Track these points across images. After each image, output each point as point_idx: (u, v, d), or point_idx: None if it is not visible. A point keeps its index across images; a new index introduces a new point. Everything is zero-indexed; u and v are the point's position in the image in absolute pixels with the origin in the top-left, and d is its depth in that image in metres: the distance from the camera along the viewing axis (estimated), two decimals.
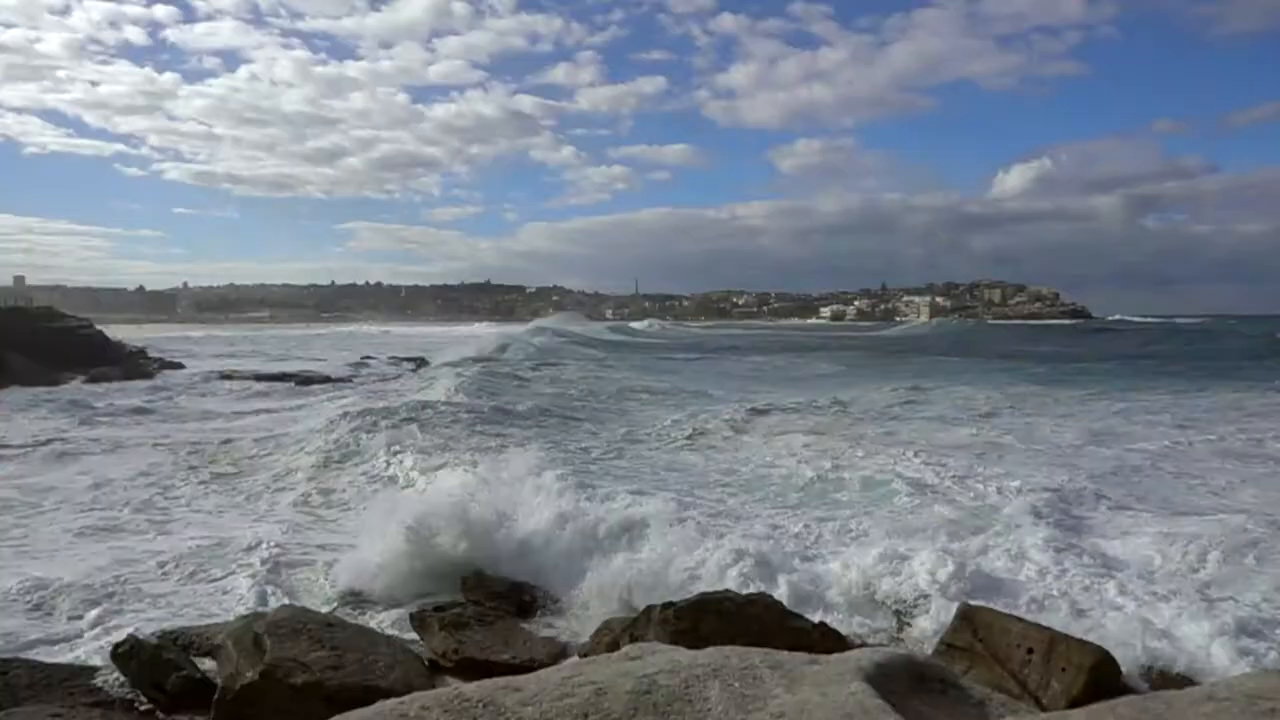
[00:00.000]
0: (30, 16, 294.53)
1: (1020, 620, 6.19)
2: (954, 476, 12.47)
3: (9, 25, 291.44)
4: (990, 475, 12.47)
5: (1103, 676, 5.59)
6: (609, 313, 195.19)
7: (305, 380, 32.99)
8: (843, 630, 6.79)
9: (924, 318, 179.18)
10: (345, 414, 18.51)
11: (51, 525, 11.10)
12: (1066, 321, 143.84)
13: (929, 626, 6.89)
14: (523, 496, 10.05)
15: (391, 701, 2.16)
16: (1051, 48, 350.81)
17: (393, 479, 13.59)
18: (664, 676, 2.12)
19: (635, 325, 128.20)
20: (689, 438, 17.36)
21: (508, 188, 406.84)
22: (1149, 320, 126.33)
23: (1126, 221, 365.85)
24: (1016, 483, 11.84)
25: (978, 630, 6.10)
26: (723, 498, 11.98)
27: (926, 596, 7.30)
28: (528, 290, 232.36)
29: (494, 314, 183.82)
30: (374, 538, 9.05)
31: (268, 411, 24.05)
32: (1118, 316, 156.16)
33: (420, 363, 42.17)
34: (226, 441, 17.43)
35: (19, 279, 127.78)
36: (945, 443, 16.08)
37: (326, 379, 33.88)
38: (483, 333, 68.15)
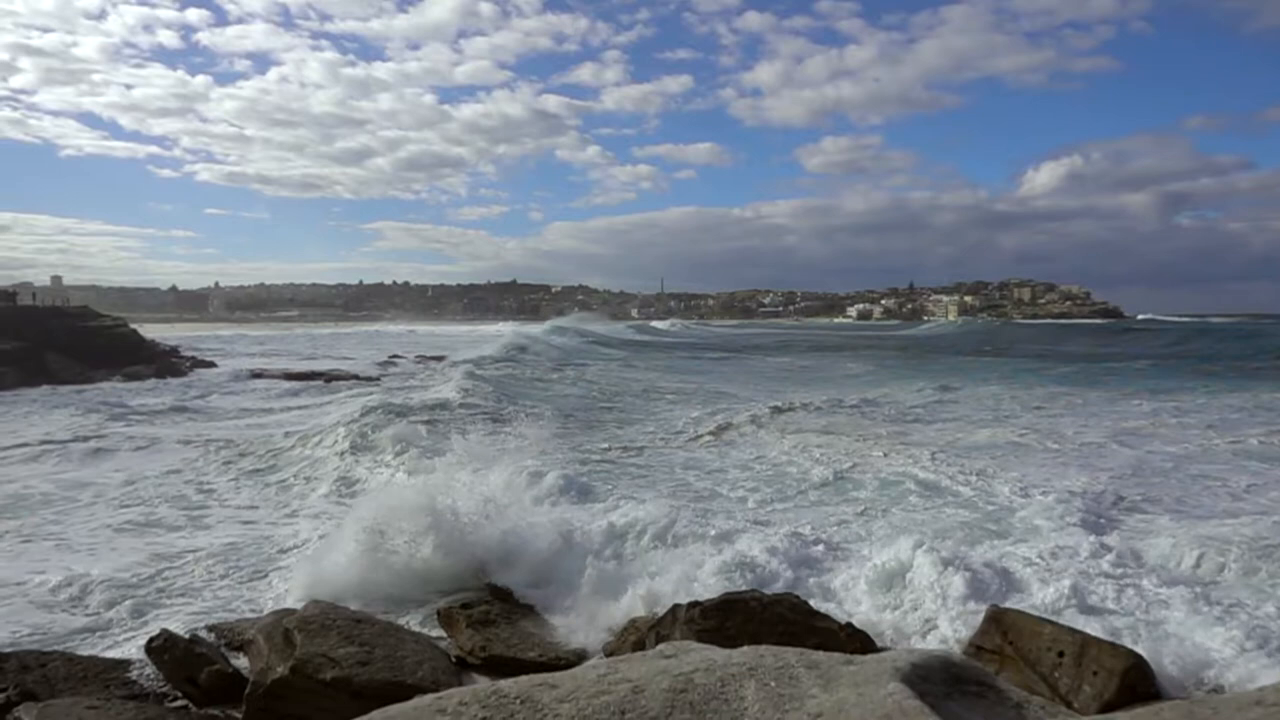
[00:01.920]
0: (67, 20, 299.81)
1: (1051, 623, 6.11)
2: (975, 478, 12.35)
3: (46, 29, 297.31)
4: (1012, 477, 12.32)
5: (1135, 681, 5.51)
6: (634, 311, 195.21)
7: (334, 378, 33.32)
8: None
9: (952, 317, 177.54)
10: (365, 410, 18.66)
11: (89, 520, 11.31)
12: (1096, 321, 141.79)
13: (956, 629, 6.79)
14: (508, 498, 9.67)
15: (430, 697, 2.17)
16: (1082, 43, 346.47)
17: (388, 479, 13.29)
18: (700, 675, 2.12)
19: (658, 325, 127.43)
20: (711, 434, 17.41)
21: (533, 187, 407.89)
22: (1180, 319, 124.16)
23: (1159, 219, 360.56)
24: (1039, 485, 11.71)
25: (1007, 633, 6.03)
26: (745, 496, 11.94)
27: (947, 599, 7.17)
28: (553, 289, 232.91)
29: (519, 313, 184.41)
30: (330, 544, 8.78)
31: (300, 408, 24.36)
32: (1148, 316, 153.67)
33: (445, 362, 42.45)
34: (259, 438, 17.63)
35: (56, 279, 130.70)
36: (968, 443, 15.93)
37: (355, 377, 34.17)
38: (507, 332, 68.42)
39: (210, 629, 7.13)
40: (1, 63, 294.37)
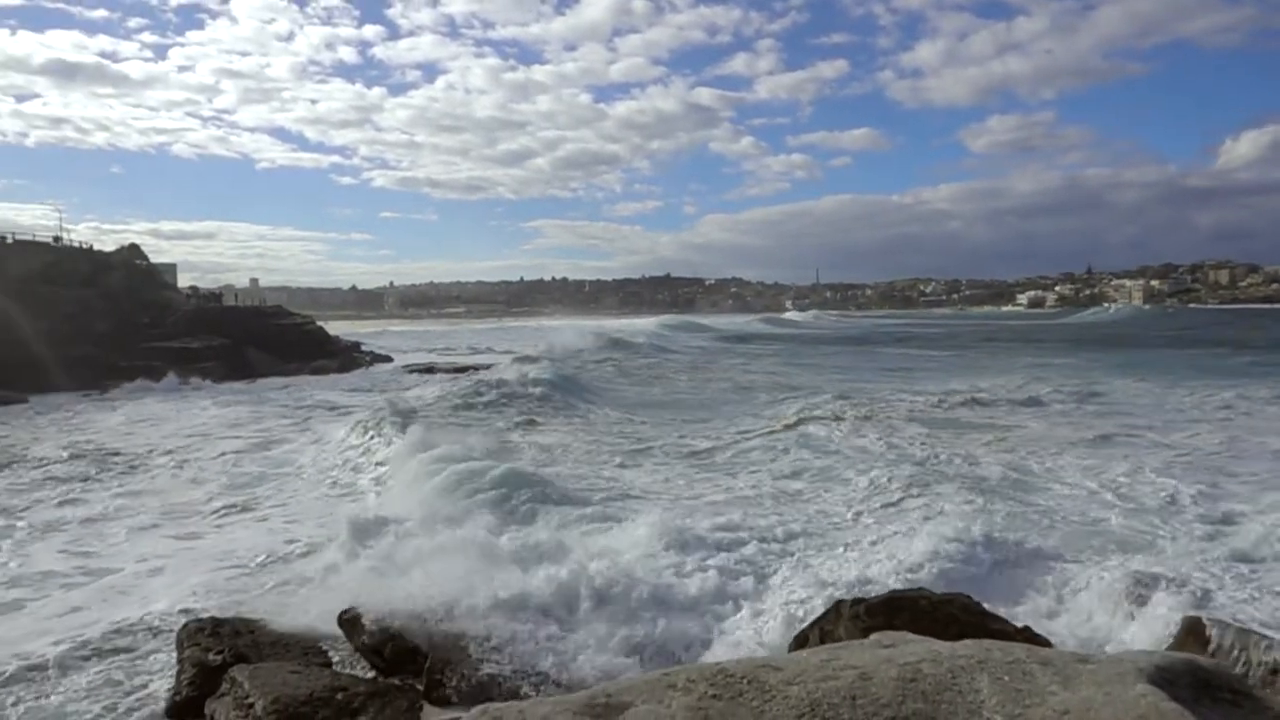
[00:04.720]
0: (261, 44, 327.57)
1: (1262, 636, 5.50)
2: (1159, 480, 11.42)
3: (245, 54, 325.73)
4: (1199, 481, 11.32)
5: None
6: (789, 303, 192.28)
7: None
8: None
9: (1136, 302, 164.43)
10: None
11: (294, 497, 12.52)
12: None
13: (1141, 639, 6.20)
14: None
15: (658, 672, 2.22)
16: None
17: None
18: (927, 665, 2.05)
19: (794, 316, 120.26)
20: (790, 426, 17.09)
21: (687, 181, 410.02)
22: None
23: None
24: (1232, 492, 10.78)
25: (1207, 645, 5.47)
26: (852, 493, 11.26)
27: (1132, 609, 6.63)
28: (707, 283, 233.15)
29: (673, 306, 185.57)
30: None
31: None
32: None
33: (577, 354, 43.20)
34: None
35: (254, 281, 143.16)
36: (1147, 443, 14.75)
37: None
38: (652, 325, 69.06)
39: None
40: (208, 86, 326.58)
